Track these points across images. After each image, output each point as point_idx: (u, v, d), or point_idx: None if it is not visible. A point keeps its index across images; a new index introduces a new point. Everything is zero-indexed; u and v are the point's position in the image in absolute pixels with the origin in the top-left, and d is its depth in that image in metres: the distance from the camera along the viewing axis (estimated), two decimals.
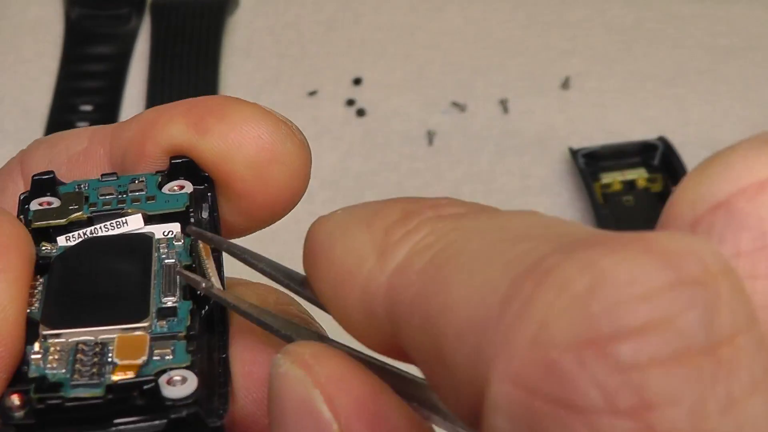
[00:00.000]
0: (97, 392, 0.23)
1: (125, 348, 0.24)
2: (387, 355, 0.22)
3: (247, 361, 0.27)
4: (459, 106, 0.72)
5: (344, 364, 0.22)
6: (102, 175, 0.28)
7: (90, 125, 0.74)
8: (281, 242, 0.64)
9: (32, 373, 0.24)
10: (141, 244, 0.27)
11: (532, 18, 0.77)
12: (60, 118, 0.70)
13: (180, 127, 0.28)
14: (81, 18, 0.75)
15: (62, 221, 0.27)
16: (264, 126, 0.28)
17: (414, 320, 0.20)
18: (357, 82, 0.73)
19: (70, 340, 0.25)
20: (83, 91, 0.72)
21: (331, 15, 0.77)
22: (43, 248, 0.27)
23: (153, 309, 0.25)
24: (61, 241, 0.27)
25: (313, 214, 0.70)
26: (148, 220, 0.28)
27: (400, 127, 0.71)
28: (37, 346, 0.25)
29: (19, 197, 0.28)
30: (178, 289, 0.26)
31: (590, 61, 0.74)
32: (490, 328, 0.18)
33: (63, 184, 0.28)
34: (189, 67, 0.72)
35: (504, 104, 0.72)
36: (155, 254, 0.27)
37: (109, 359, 0.24)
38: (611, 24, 0.77)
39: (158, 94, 0.70)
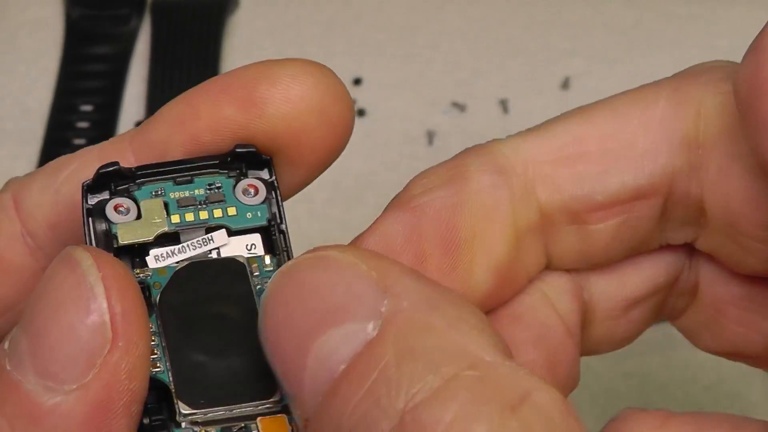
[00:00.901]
0: None
1: None
2: None
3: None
4: (459, 106, 0.72)
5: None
6: (176, 179, 0.28)
7: (90, 125, 0.74)
8: None
9: None
10: (237, 274, 0.27)
11: (532, 18, 0.77)
12: (60, 118, 0.70)
13: (232, 106, 0.29)
14: (81, 18, 0.75)
15: (150, 239, 0.27)
16: (315, 73, 0.29)
17: None
18: (357, 82, 0.73)
19: (210, 419, 0.25)
20: (83, 91, 0.72)
21: (331, 15, 0.77)
22: (138, 273, 0.27)
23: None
24: (151, 262, 0.27)
25: (313, 214, 0.69)
26: (231, 233, 0.28)
27: (400, 127, 0.71)
28: None
29: (83, 185, 0.28)
30: None
31: (590, 61, 0.74)
32: None
33: (129, 173, 0.28)
34: (189, 68, 0.72)
35: (504, 104, 0.72)
36: (251, 284, 0.27)
37: None
38: (611, 24, 0.77)
39: (158, 94, 0.70)
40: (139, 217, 0.28)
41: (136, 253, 0.28)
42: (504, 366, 0.22)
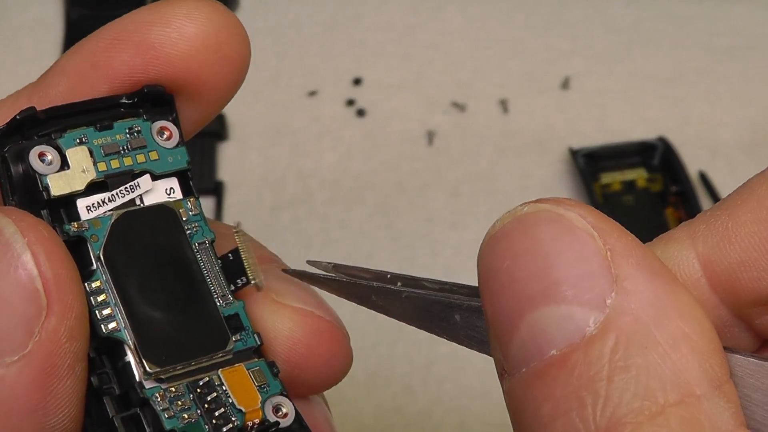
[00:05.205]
0: None
1: (241, 393, 0.27)
2: None
3: (285, 327, 0.28)
4: (459, 106, 0.72)
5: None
6: (97, 125, 0.28)
7: None
8: (281, 241, 0.64)
9: (168, 425, 0.26)
10: (171, 222, 0.28)
11: (532, 18, 0.77)
12: None
13: (128, 52, 0.28)
14: (81, 18, 0.75)
15: (81, 189, 0.28)
16: (207, 9, 0.29)
17: None
18: (357, 82, 0.73)
19: (173, 374, 0.26)
20: None
21: (331, 15, 0.77)
22: (74, 227, 0.27)
23: (225, 323, 0.27)
24: (83, 213, 0.28)
25: (313, 214, 0.69)
26: (155, 178, 0.29)
27: (400, 127, 0.71)
28: (158, 396, 0.26)
29: None
30: (225, 283, 0.28)
31: (590, 61, 0.74)
32: None
33: (43, 120, 0.28)
34: None
35: (504, 104, 0.72)
36: (185, 231, 0.28)
37: (230, 402, 0.26)
38: (611, 24, 0.77)
39: None
40: (65, 166, 0.28)
41: (62, 204, 0.28)
42: (710, 403, 0.22)
